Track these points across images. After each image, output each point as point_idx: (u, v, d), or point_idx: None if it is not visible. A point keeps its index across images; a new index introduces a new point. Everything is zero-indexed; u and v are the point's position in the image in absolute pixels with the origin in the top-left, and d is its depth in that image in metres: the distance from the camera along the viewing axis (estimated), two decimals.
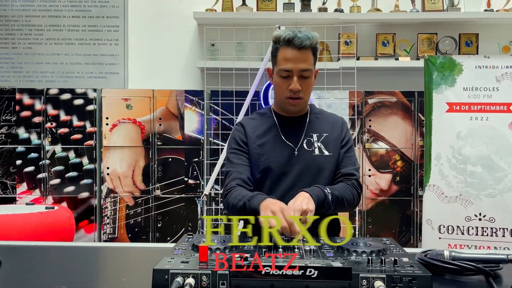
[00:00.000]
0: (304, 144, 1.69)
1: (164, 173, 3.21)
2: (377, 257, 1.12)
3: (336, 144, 1.71)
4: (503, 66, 2.88)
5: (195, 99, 3.21)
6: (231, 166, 1.69)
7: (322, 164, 1.67)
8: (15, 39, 3.64)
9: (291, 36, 1.60)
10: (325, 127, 1.73)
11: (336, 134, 1.73)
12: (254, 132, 1.72)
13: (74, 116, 3.22)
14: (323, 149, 1.69)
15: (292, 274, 0.98)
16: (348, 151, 1.72)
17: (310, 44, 1.60)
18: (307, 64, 1.62)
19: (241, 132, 1.73)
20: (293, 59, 1.61)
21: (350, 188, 1.63)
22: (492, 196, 2.85)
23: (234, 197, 1.57)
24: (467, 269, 1.12)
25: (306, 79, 1.64)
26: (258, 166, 1.67)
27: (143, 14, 3.65)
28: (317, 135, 1.71)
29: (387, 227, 3.19)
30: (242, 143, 1.71)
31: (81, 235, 3.21)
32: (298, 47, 1.59)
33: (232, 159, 1.70)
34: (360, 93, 3.17)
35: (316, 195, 1.51)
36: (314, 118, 1.75)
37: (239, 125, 1.76)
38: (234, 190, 1.60)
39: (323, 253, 1.18)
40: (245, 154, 1.70)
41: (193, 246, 1.20)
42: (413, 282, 0.99)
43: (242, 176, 1.64)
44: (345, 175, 1.67)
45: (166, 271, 1.01)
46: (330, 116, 1.80)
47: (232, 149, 1.72)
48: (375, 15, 3.46)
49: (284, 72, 1.63)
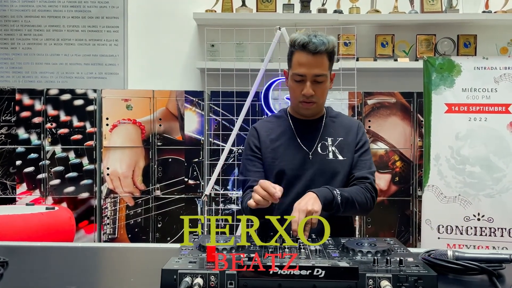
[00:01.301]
0: (319, 148, 1.69)
1: (164, 174, 3.22)
2: (382, 257, 1.13)
3: (350, 148, 1.70)
4: (501, 67, 2.90)
5: (195, 99, 3.22)
6: (247, 174, 1.71)
7: (336, 168, 1.67)
8: (14, 40, 3.64)
9: (306, 41, 1.59)
10: (340, 131, 1.73)
11: (351, 138, 1.72)
12: (268, 136, 1.73)
13: (74, 116, 3.22)
14: (337, 153, 1.68)
15: (300, 274, 0.99)
16: (363, 155, 1.71)
17: (325, 49, 1.59)
18: (321, 69, 1.61)
19: (255, 137, 1.74)
20: (307, 64, 1.60)
21: (363, 191, 1.62)
22: (491, 196, 2.87)
23: (246, 201, 1.59)
24: (471, 268, 1.14)
25: (320, 84, 1.63)
26: (272, 170, 1.68)
27: (142, 15, 3.66)
28: (332, 139, 1.70)
29: (386, 227, 3.21)
30: (255, 149, 1.72)
31: (81, 236, 3.21)
32: (312, 52, 1.58)
33: (247, 166, 1.72)
34: (360, 94, 3.19)
35: (324, 196, 1.50)
36: (329, 121, 1.75)
37: (253, 129, 1.77)
38: (247, 196, 1.63)
39: (329, 253, 1.19)
40: (259, 160, 1.71)
41: (200, 246, 1.21)
42: (419, 282, 1.00)
43: (255, 184, 1.66)
44: (359, 179, 1.66)
45: (175, 271, 1.02)
46: (346, 120, 1.79)
47: (247, 156, 1.74)
48: (374, 16, 3.48)
49: (298, 77, 1.63)
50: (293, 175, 1.66)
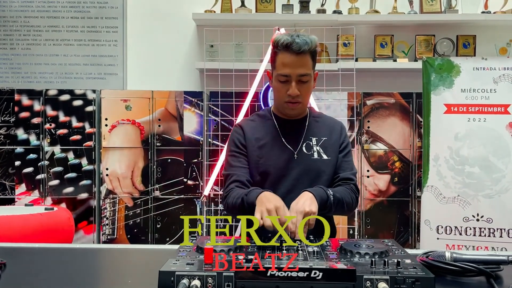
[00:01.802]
0: (304, 148, 1.70)
1: (163, 174, 3.22)
2: (380, 258, 1.13)
3: (334, 148, 1.72)
4: (500, 68, 2.91)
5: (194, 100, 3.22)
6: (231, 169, 1.70)
7: (320, 168, 1.68)
8: (13, 40, 3.64)
9: (289, 41, 1.59)
10: (324, 131, 1.74)
11: (335, 138, 1.74)
12: (253, 134, 1.73)
13: (73, 117, 3.22)
14: (322, 153, 1.69)
15: (297, 275, 0.99)
16: (346, 156, 1.74)
17: (308, 49, 1.60)
18: (306, 69, 1.62)
19: (240, 135, 1.74)
20: (291, 64, 1.60)
21: (349, 192, 1.65)
22: (490, 197, 2.87)
23: (233, 197, 1.60)
24: (469, 270, 1.14)
25: (305, 84, 1.64)
26: (257, 169, 1.68)
27: (142, 15, 3.66)
28: (316, 139, 1.72)
29: (385, 227, 3.21)
30: (241, 146, 1.72)
31: (80, 236, 3.21)
32: (296, 52, 1.59)
33: (231, 161, 1.71)
34: (359, 94, 3.19)
35: (320, 196, 1.52)
36: (313, 121, 1.76)
37: (238, 127, 1.76)
38: (232, 191, 1.62)
39: (326, 255, 1.19)
40: (244, 157, 1.71)
41: (198, 248, 1.21)
42: (416, 284, 1.00)
43: (241, 178, 1.66)
44: (344, 179, 1.69)
45: (172, 273, 1.02)
46: (329, 120, 1.80)
47: (231, 152, 1.73)
48: (373, 17, 3.48)
49: (283, 77, 1.63)
50: (279, 174, 1.67)
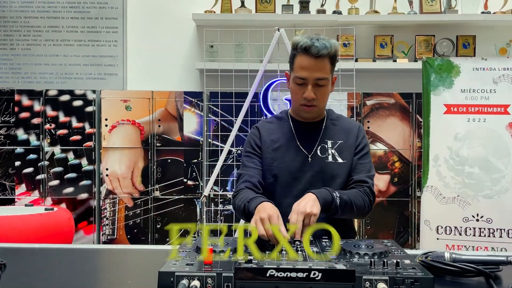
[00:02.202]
0: (318, 151, 1.69)
1: (163, 174, 3.22)
2: (379, 259, 1.13)
3: (350, 151, 1.70)
4: (500, 68, 2.90)
5: (194, 100, 3.22)
6: (244, 169, 1.71)
7: (335, 171, 1.67)
8: (13, 40, 3.64)
9: (308, 44, 1.58)
10: (340, 134, 1.73)
11: (351, 141, 1.72)
12: (269, 136, 1.73)
13: (73, 117, 3.23)
14: (337, 156, 1.68)
15: (297, 276, 1.00)
16: (362, 158, 1.71)
17: (327, 53, 1.59)
18: (323, 73, 1.61)
19: (256, 136, 1.74)
20: (309, 67, 1.60)
21: (361, 195, 1.61)
22: (490, 197, 2.87)
23: (240, 198, 1.60)
24: (468, 271, 1.14)
25: (322, 87, 1.63)
26: (271, 171, 1.68)
27: (142, 16, 3.66)
28: (332, 142, 1.70)
29: (385, 228, 3.21)
30: (256, 147, 1.72)
31: (80, 236, 3.21)
32: (315, 56, 1.58)
33: (245, 162, 1.72)
34: (359, 94, 3.19)
35: (323, 197, 1.50)
36: (330, 124, 1.75)
37: (255, 129, 1.78)
38: (241, 192, 1.62)
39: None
40: (258, 158, 1.71)
41: (197, 248, 1.21)
42: (415, 284, 1.00)
43: (252, 179, 1.66)
44: (357, 182, 1.66)
45: (172, 274, 1.02)
46: (347, 122, 1.79)
47: (246, 152, 1.74)
48: (373, 17, 3.48)
49: (300, 80, 1.62)
50: (292, 177, 1.66)
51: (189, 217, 3.21)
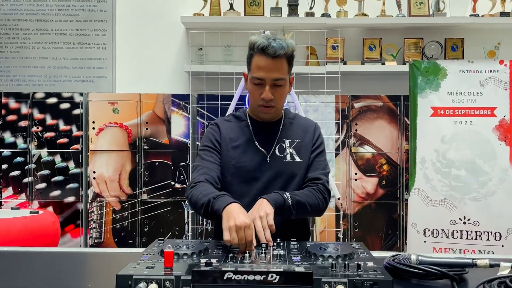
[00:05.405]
0: (276, 150, 1.69)
1: (150, 177, 3.21)
2: (342, 261, 1.12)
3: (307, 149, 1.71)
4: (486, 71, 2.90)
5: (182, 103, 3.21)
6: (202, 162, 1.67)
7: (293, 170, 1.67)
8: (2, 43, 3.64)
9: (265, 44, 1.57)
10: (298, 132, 1.73)
11: (308, 139, 1.72)
12: (228, 134, 1.72)
13: (60, 120, 3.22)
14: (295, 155, 1.68)
15: (254, 279, 0.99)
16: (318, 156, 1.72)
17: (284, 53, 1.58)
18: (281, 73, 1.60)
19: (216, 132, 1.73)
20: (266, 68, 1.59)
21: (314, 192, 1.61)
22: (476, 200, 2.86)
23: (200, 191, 1.53)
24: (432, 273, 1.13)
25: (279, 88, 1.63)
26: (229, 169, 1.67)
27: (130, 18, 3.66)
28: (290, 141, 1.71)
29: (373, 231, 3.20)
30: (216, 142, 1.70)
31: (67, 240, 3.20)
32: (272, 56, 1.57)
33: (204, 155, 1.69)
34: (347, 97, 3.18)
35: (274, 200, 1.50)
36: (288, 123, 1.75)
37: (215, 125, 1.76)
38: (200, 185, 1.57)
39: (291, 258, 1.18)
40: (217, 154, 1.69)
41: (161, 252, 1.21)
42: (374, 287, 0.99)
43: (211, 173, 1.63)
44: (312, 180, 1.66)
45: (130, 277, 1.01)
46: (304, 121, 1.79)
47: (204, 147, 1.71)
48: (361, 20, 3.47)
49: (257, 80, 1.62)
50: (251, 176, 1.65)
51: (176, 220, 3.20)
